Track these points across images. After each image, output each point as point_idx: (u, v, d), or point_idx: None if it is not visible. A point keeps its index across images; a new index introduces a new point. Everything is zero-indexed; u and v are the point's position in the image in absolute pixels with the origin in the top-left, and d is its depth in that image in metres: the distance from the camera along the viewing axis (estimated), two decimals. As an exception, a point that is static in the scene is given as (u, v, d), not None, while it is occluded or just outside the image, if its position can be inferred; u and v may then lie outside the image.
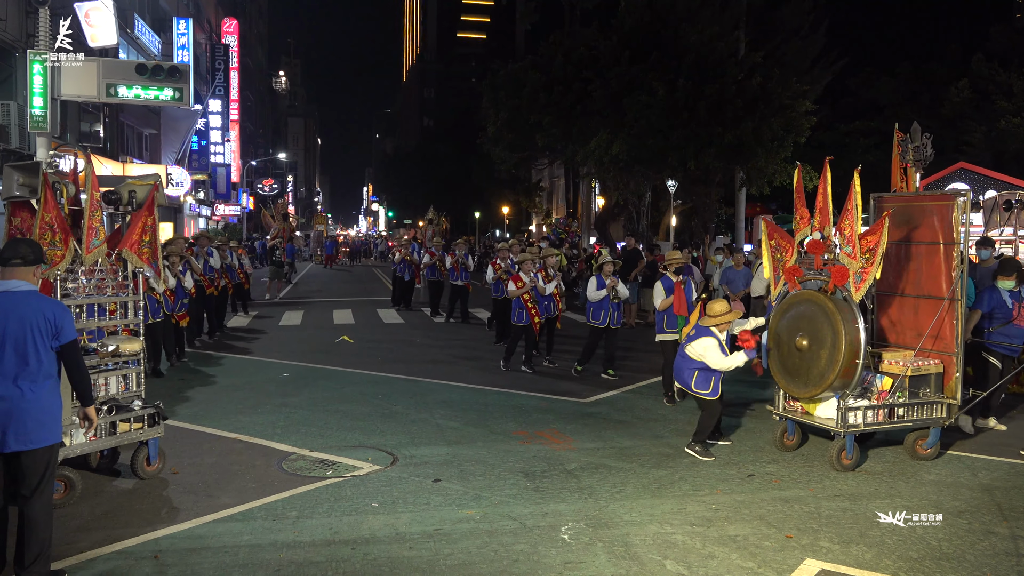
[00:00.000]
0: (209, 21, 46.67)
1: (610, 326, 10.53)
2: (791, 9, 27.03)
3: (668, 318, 9.32)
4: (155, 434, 6.38)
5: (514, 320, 11.22)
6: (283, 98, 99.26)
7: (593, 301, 10.55)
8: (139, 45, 28.95)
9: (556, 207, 49.90)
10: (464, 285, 16.73)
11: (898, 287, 7.74)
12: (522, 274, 11.17)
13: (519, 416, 8.61)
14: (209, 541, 5.13)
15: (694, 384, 7.19)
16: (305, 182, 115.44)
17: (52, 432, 4.41)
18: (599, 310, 10.51)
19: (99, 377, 6.28)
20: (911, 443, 7.10)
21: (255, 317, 17.83)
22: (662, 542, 5.17)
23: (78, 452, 5.87)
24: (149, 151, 33.77)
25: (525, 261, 11.39)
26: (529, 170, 43.42)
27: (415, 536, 5.24)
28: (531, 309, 11.01)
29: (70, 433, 5.67)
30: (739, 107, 21.42)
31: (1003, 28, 34.49)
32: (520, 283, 11.06)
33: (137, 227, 6.48)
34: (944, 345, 7.23)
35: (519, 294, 11.04)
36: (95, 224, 6.11)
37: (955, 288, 7.10)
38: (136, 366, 6.60)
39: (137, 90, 14.04)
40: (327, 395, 9.64)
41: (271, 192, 64.69)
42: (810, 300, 7.04)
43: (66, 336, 4.46)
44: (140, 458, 6.33)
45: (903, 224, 7.62)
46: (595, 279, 10.62)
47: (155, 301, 10.28)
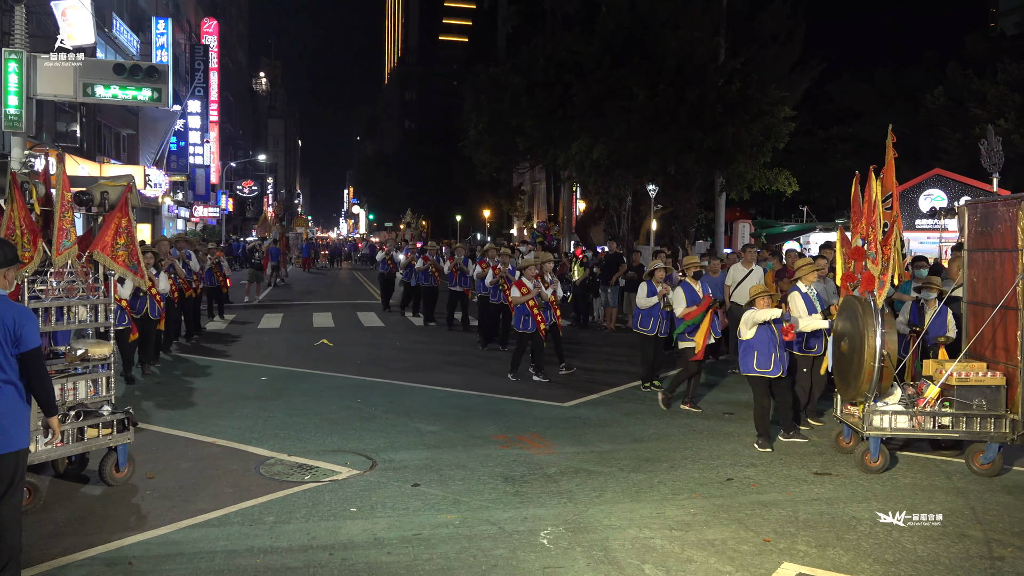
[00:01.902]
0: (189, 21, 46.34)
1: (659, 334, 10.14)
2: (770, 15, 27.25)
3: (643, 316, 9.67)
4: (124, 440, 6.23)
5: (519, 328, 10.77)
6: (263, 99, 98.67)
7: (643, 308, 10.08)
8: (117, 45, 28.68)
9: (537, 211, 49.99)
10: (463, 291, 15.98)
11: (980, 296, 7.36)
12: (526, 280, 10.77)
13: (499, 420, 8.60)
14: (184, 547, 5.07)
15: None
16: (285, 184, 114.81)
17: (15, 438, 4.27)
18: (648, 317, 10.08)
19: (68, 381, 6.14)
20: (969, 456, 6.90)
21: (233, 322, 17.69)
22: (641, 546, 5.18)
23: (43, 458, 5.74)
24: (127, 152, 33.42)
25: (528, 267, 10.98)
26: (510, 173, 43.50)
27: (394, 541, 5.21)
28: (537, 316, 10.62)
29: (36, 439, 5.54)
30: (719, 112, 21.58)
31: (978, 36, 35.06)
32: (524, 289, 10.68)
33: (110, 229, 6.36)
34: (1008, 356, 6.84)
35: (523, 300, 10.64)
36: (66, 225, 5.98)
37: (1017, 297, 6.64)
38: (106, 370, 6.42)
39: (115, 90, 13.82)
40: (306, 399, 9.58)
41: (250, 194, 64.27)
42: (850, 306, 7.18)
43: (27, 344, 4.27)
44: (109, 464, 6.18)
45: (985, 230, 7.22)
46: (646, 285, 10.18)
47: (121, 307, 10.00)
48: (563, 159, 25.16)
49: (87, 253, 6.26)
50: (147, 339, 10.82)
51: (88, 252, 6.26)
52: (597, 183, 25.31)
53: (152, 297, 10.71)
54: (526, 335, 10.76)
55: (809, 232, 27.97)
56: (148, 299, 10.67)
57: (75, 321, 6.29)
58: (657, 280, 10.08)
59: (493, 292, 13.49)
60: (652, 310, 10.03)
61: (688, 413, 9.02)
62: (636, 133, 22.05)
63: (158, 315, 10.91)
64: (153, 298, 10.73)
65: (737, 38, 26.24)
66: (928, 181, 23.09)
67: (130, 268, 6.52)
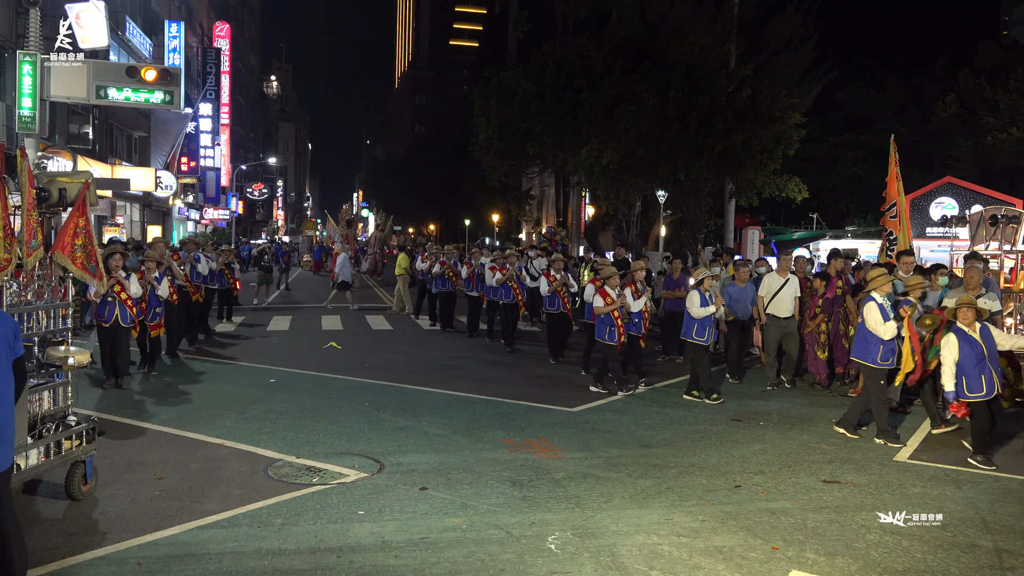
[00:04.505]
0: (201, 24, 46.62)
1: (711, 344, 10.08)
2: (781, 22, 27.20)
3: (698, 326, 9.96)
4: (92, 451, 5.96)
5: (602, 338, 10.35)
6: (274, 103, 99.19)
7: (697, 318, 9.96)
8: (130, 47, 28.87)
9: (546, 216, 49.96)
10: (480, 296, 15.71)
11: None
12: (608, 289, 10.37)
13: (507, 424, 8.60)
14: (193, 548, 5.09)
15: None
16: (295, 187, 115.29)
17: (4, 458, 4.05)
18: (704, 327, 9.97)
19: (34, 392, 5.75)
20: None
21: (241, 324, 17.75)
22: (649, 552, 5.17)
23: (31, 476, 5.49)
24: (138, 153, 33.63)
25: (612, 276, 10.47)
26: (520, 178, 43.46)
27: (401, 544, 5.21)
28: (620, 327, 10.22)
29: (26, 455, 5.37)
30: (729, 119, 21.54)
31: (990, 44, 34.88)
32: (608, 299, 10.26)
33: (69, 229, 6.01)
34: None
35: (608, 311, 10.22)
36: (33, 224, 5.61)
37: None
38: (63, 378, 6.03)
39: (127, 92, 13.97)
40: (314, 401, 9.60)
41: (260, 197, 64.55)
42: None
43: (18, 351, 4.10)
44: (77, 477, 5.84)
45: None
46: (698, 295, 10.01)
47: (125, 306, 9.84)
48: (572, 164, 25.15)
49: (48, 255, 5.95)
50: (117, 348, 9.95)
51: (49, 253, 5.95)
52: (606, 188, 25.29)
53: (123, 303, 9.85)
54: (609, 346, 10.31)
55: (819, 239, 27.83)
56: (117, 304, 9.84)
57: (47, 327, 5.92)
58: (706, 288, 10.01)
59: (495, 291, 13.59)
60: (706, 319, 9.96)
61: (696, 419, 9.00)
62: (646, 139, 22.04)
63: (131, 322, 10.01)
64: (124, 303, 9.85)
65: (748, 45, 26.21)
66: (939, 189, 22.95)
67: (88, 270, 6.18)
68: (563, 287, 12.67)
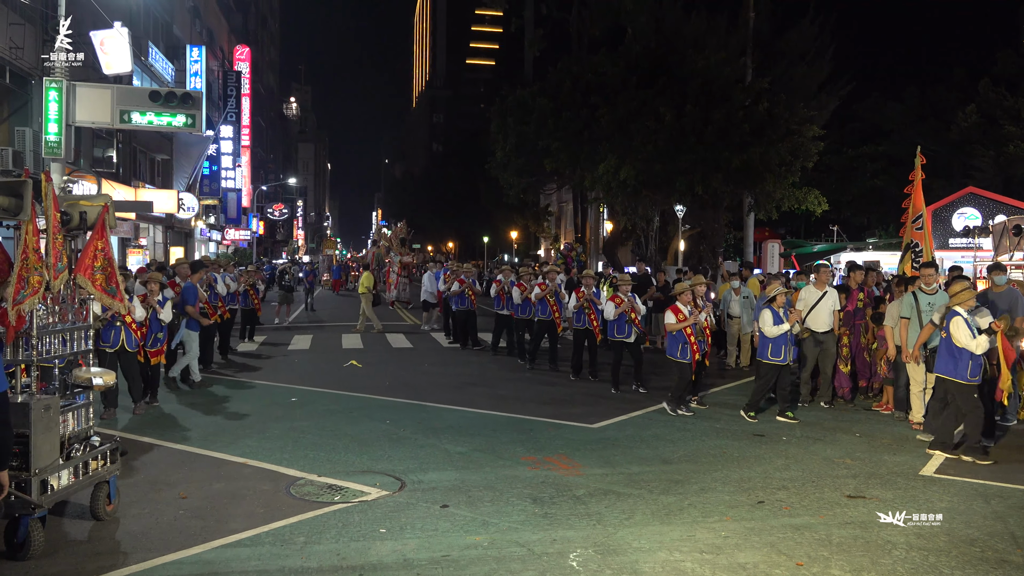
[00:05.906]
0: (222, 48, 47.32)
1: (790, 363, 9.86)
2: (797, 35, 27.21)
3: (773, 345, 9.76)
4: (115, 471, 6.01)
5: (675, 356, 10.07)
6: (294, 124, 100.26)
7: (772, 337, 9.72)
8: (153, 72, 29.37)
9: (564, 232, 50.01)
10: (509, 315, 15.17)
11: None
12: (680, 305, 10.05)
13: (527, 441, 8.59)
14: (217, 567, 5.12)
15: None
16: (315, 207, 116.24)
17: None
18: (779, 346, 9.71)
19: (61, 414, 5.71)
20: None
21: (263, 343, 17.88)
22: (671, 569, 5.13)
23: (62, 496, 5.52)
24: (161, 176, 34.12)
25: (683, 292, 10.18)
26: (537, 195, 43.62)
27: (423, 562, 5.21)
28: (693, 344, 9.94)
29: (59, 475, 5.44)
30: (746, 132, 21.54)
31: (1010, 53, 34.58)
32: (680, 316, 9.95)
33: (89, 251, 6.10)
34: None
35: (680, 327, 9.93)
36: (58, 247, 5.70)
37: None
38: (84, 399, 6.04)
39: (150, 116, 14.26)
40: (335, 420, 9.64)
41: (281, 217, 65.15)
42: None
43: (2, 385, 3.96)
44: (101, 497, 5.85)
45: None
46: (770, 312, 9.73)
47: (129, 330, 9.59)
48: (590, 180, 25.22)
49: (71, 277, 6.01)
50: (127, 374, 9.70)
51: (72, 276, 6.02)
52: (624, 204, 25.34)
53: (128, 327, 9.48)
54: (683, 365, 10.03)
55: (839, 252, 27.65)
56: (124, 329, 9.48)
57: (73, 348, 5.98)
58: (779, 305, 9.78)
59: (577, 316, 12.94)
60: (782, 338, 9.73)
61: (718, 435, 8.94)
62: (663, 153, 22.07)
63: (135, 347, 9.68)
64: (129, 327, 9.49)
65: (764, 58, 26.24)
66: (961, 199, 22.73)
67: (108, 292, 6.21)
68: (590, 303, 12.60)
